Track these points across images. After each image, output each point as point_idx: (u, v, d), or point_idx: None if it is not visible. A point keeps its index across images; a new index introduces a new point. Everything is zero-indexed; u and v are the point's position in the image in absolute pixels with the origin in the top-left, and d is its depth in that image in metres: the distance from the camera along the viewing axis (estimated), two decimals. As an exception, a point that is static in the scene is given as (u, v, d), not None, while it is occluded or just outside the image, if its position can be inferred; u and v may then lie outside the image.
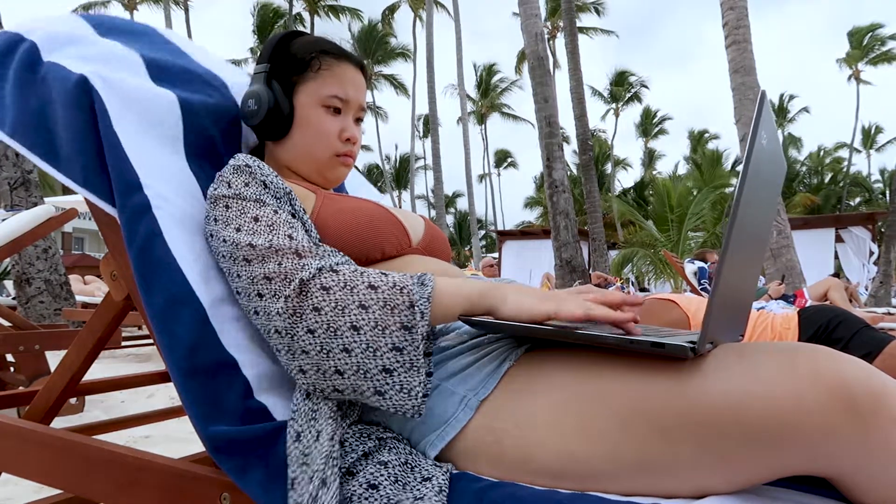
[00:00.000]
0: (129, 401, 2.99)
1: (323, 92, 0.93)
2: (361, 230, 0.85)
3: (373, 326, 0.65)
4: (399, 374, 0.64)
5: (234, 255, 0.74)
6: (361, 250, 0.84)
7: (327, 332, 0.66)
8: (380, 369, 0.65)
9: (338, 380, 0.66)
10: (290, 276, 0.69)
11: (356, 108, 0.98)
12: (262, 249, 0.72)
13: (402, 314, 0.65)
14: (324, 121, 0.94)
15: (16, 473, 0.92)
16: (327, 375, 0.67)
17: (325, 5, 25.81)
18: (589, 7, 26.26)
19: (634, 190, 29.32)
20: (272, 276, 0.70)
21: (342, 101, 0.95)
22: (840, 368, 0.52)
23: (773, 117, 0.62)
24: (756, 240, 0.69)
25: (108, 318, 0.99)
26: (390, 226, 0.89)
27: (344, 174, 0.99)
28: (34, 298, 5.35)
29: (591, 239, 12.12)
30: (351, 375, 0.66)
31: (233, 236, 0.75)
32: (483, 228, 37.09)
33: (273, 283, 0.70)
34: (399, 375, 0.64)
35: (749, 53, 7.10)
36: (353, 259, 0.83)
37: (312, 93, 0.94)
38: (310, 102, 0.94)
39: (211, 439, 0.69)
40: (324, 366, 0.66)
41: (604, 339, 0.62)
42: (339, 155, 0.96)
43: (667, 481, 0.58)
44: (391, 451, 0.66)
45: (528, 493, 0.59)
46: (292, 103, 0.94)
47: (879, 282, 9.06)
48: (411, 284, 0.67)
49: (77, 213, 3.29)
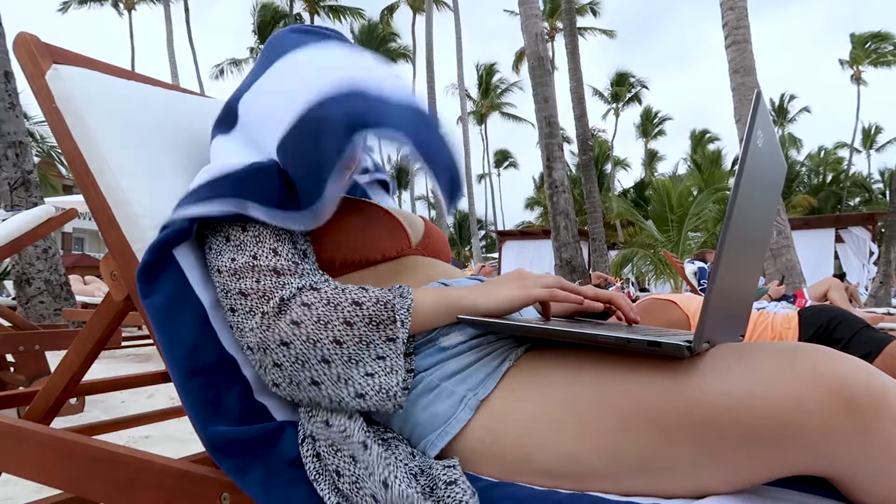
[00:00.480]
0: (129, 401, 2.99)
1: None
2: (359, 233, 0.84)
3: (357, 341, 0.67)
4: (380, 376, 0.66)
5: (215, 266, 0.75)
6: (361, 253, 0.84)
7: (306, 342, 0.66)
8: (362, 374, 0.66)
9: (314, 391, 0.67)
10: (268, 294, 0.70)
11: None
12: (240, 264, 0.72)
13: (387, 329, 0.67)
14: None
15: (16, 473, 0.92)
16: (302, 387, 0.68)
17: (325, 5, 25.82)
18: (585, 8, 26.24)
19: (634, 190, 29.32)
20: (248, 292, 0.71)
21: None
22: (840, 368, 0.52)
23: (771, 117, 0.62)
24: (755, 240, 0.69)
25: (108, 318, 0.99)
26: (389, 227, 0.88)
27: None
28: (34, 298, 5.35)
29: (591, 239, 12.12)
30: (330, 386, 0.67)
31: (216, 246, 0.76)
32: (483, 229, 37.08)
33: (248, 299, 0.70)
34: (380, 378, 0.66)
35: (749, 53, 7.09)
36: (353, 261, 0.83)
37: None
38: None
39: (210, 439, 0.69)
40: (298, 377, 0.67)
41: (602, 338, 0.62)
42: None
43: (667, 481, 0.58)
44: (397, 450, 0.66)
45: (528, 493, 0.60)
46: None
47: (879, 282, 9.06)
48: (394, 299, 0.69)
49: (77, 213, 3.29)
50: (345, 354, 0.66)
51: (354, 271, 0.84)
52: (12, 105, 5.38)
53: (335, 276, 0.83)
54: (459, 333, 0.75)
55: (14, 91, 5.42)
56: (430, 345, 0.74)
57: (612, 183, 30.88)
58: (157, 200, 0.86)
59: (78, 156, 0.90)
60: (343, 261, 0.83)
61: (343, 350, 0.66)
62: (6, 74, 5.38)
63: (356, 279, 0.84)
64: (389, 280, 0.84)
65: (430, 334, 0.74)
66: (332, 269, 0.83)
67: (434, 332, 0.74)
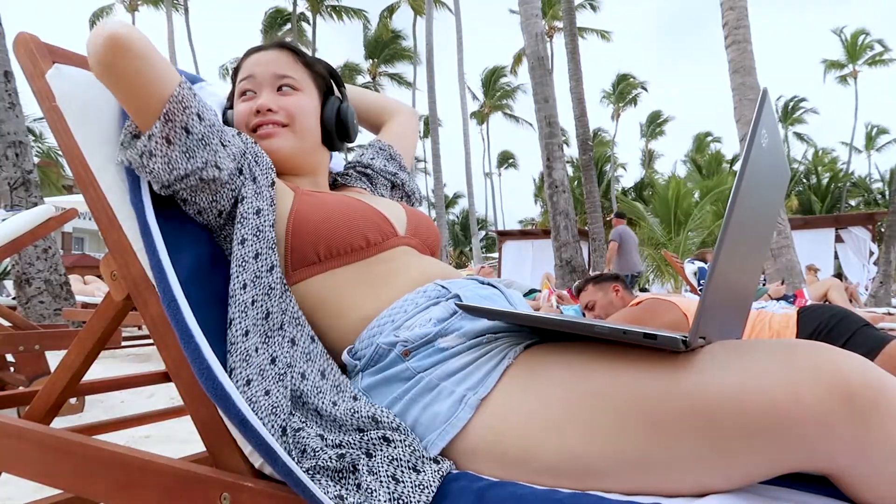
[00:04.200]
0: (129, 401, 2.99)
1: (236, 88, 1.00)
2: (339, 220, 0.85)
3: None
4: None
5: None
6: (344, 240, 0.85)
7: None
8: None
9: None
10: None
11: (270, 79, 0.98)
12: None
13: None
14: (238, 108, 0.99)
15: (16, 473, 0.92)
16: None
17: (328, 6, 25.83)
18: (584, 4, 26.20)
19: (634, 190, 29.30)
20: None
21: (249, 80, 0.98)
22: (839, 363, 0.52)
23: (776, 117, 0.62)
24: (756, 239, 0.69)
25: (108, 318, 0.98)
26: (369, 213, 0.89)
27: (272, 146, 0.95)
28: (34, 298, 5.35)
29: (591, 239, 12.12)
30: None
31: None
32: (483, 229, 37.07)
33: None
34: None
35: (749, 53, 7.09)
36: (338, 250, 0.84)
37: (235, 95, 1.01)
38: (235, 104, 1.00)
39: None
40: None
41: (598, 328, 0.62)
42: (254, 130, 0.97)
43: (666, 478, 0.58)
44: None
45: (529, 492, 0.59)
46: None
47: (879, 282, 9.06)
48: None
49: (77, 213, 3.29)
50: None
51: (341, 266, 0.85)
52: (12, 105, 5.38)
53: (321, 272, 0.84)
54: (458, 335, 0.75)
55: (14, 91, 5.42)
56: (428, 346, 0.74)
57: (612, 183, 30.83)
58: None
59: (78, 155, 0.90)
60: (327, 251, 0.84)
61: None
62: (6, 74, 5.39)
63: (346, 276, 0.85)
64: (382, 279, 0.85)
65: (429, 336, 0.74)
66: (315, 262, 0.84)
67: (433, 334, 0.74)
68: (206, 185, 0.80)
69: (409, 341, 0.74)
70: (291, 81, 0.98)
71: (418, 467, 0.63)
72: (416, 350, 0.74)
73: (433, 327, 0.75)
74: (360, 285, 0.84)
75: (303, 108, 0.98)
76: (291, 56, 1.01)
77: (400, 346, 0.74)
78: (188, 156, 0.76)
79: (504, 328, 0.76)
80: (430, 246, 1.00)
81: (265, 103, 0.95)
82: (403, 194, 1.20)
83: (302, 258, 0.84)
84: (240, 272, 0.76)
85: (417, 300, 0.81)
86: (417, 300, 0.81)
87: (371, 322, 0.80)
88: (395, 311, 0.80)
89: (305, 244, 0.84)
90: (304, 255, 0.84)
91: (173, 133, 0.76)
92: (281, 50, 1.01)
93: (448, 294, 0.82)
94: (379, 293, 0.83)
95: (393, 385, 0.73)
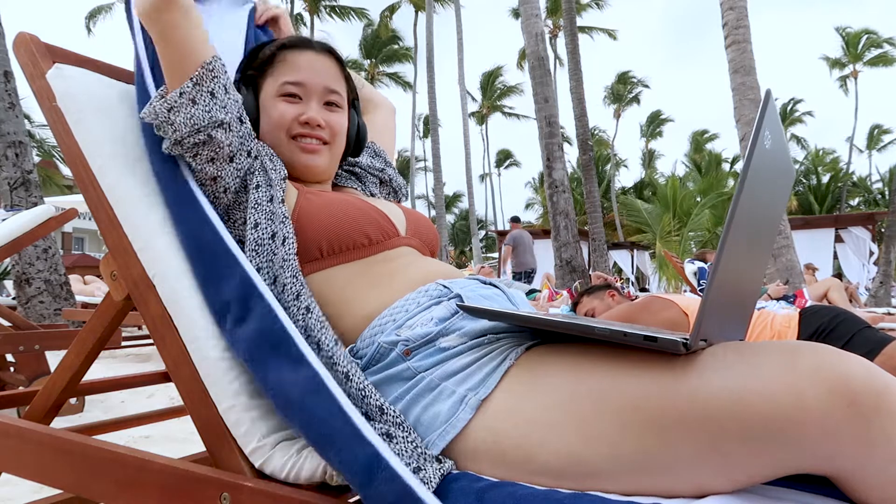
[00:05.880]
0: (129, 401, 2.99)
1: (279, 82, 0.96)
2: (340, 218, 0.86)
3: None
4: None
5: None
6: (347, 236, 0.86)
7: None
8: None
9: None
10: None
11: (320, 92, 0.97)
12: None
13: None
14: (280, 108, 0.96)
15: (16, 473, 0.92)
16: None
17: (326, 5, 25.81)
18: (591, 4, 26.19)
19: (634, 190, 29.30)
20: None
21: (299, 86, 0.96)
22: (841, 365, 0.51)
23: (779, 118, 0.62)
24: (758, 241, 0.68)
25: (108, 318, 0.98)
26: (371, 212, 0.90)
27: (311, 162, 0.96)
28: (34, 298, 5.35)
29: (591, 239, 12.12)
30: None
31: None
32: (483, 228, 37.07)
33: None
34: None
35: (749, 53, 7.09)
36: (340, 247, 0.85)
37: (271, 86, 0.97)
38: (269, 96, 0.97)
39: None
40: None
41: (599, 330, 0.62)
42: (293, 137, 0.96)
43: (667, 480, 0.58)
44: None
45: (529, 492, 0.59)
46: (258, 102, 0.97)
47: (879, 282, 9.06)
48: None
49: (77, 213, 3.29)
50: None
51: (343, 263, 0.85)
52: (12, 105, 5.38)
53: (323, 268, 0.85)
54: (459, 335, 0.75)
55: (14, 91, 5.42)
56: (429, 345, 0.74)
57: (612, 183, 30.83)
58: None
59: (78, 155, 0.90)
60: (329, 247, 0.85)
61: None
62: (6, 74, 5.38)
63: (348, 273, 0.85)
64: (383, 277, 0.85)
65: (431, 335, 0.74)
66: (317, 258, 0.85)
67: (434, 333, 0.74)
68: (217, 146, 0.83)
69: (411, 340, 0.74)
70: (338, 99, 1.00)
71: (419, 465, 0.63)
72: (417, 349, 0.74)
73: (434, 327, 0.75)
74: (361, 283, 0.84)
75: (343, 129, 1.01)
76: (338, 67, 1.02)
77: (401, 346, 0.74)
78: (209, 112, 0.82)
79: (505, 329, 0.76)
80: (429, 246, 1.00)
81: (316, 118, 0.96)
82: (391, 190, 1.21)
83: (304, 253, 0.85)
84: (253, 256, 0.82)
85: (419, 299, 0.81)
86: (419, 299, 0.81)
87: (373, 321, 0.80)
88: (396, 310, 0.80)
89: (308, 240, 0.84)
90: (307, 251, 0.85)
91: (199, 95, 0.82)
92: (330, 57, 1.01)
93: (450, 294, 0.82)
94: (381, 292, 0.83)
95: (394, 384, 0.74)
